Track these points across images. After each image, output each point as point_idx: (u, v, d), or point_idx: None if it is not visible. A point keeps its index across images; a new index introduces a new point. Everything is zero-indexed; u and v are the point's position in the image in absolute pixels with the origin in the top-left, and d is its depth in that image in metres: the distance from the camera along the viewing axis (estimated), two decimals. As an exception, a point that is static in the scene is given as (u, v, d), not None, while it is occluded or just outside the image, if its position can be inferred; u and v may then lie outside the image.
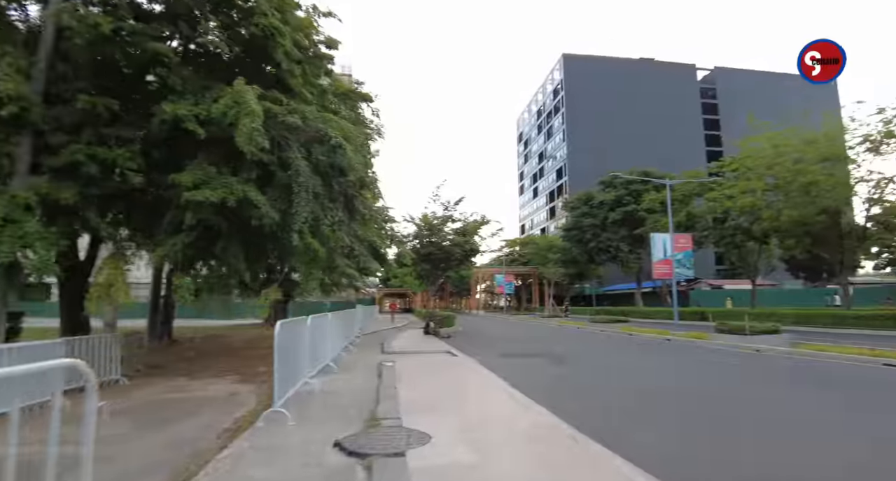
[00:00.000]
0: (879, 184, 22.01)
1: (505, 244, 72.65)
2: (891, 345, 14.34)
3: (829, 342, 15.39)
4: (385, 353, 13.36)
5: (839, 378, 9.44)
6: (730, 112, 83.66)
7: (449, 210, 23.98)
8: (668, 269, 21.33)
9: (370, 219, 13.84)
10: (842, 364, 11.13)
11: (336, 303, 43.90)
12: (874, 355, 11.46)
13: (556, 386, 8.79)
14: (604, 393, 8.02)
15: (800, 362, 11.56)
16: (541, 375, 9.96)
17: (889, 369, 10.42)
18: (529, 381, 9.01)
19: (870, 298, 37.28)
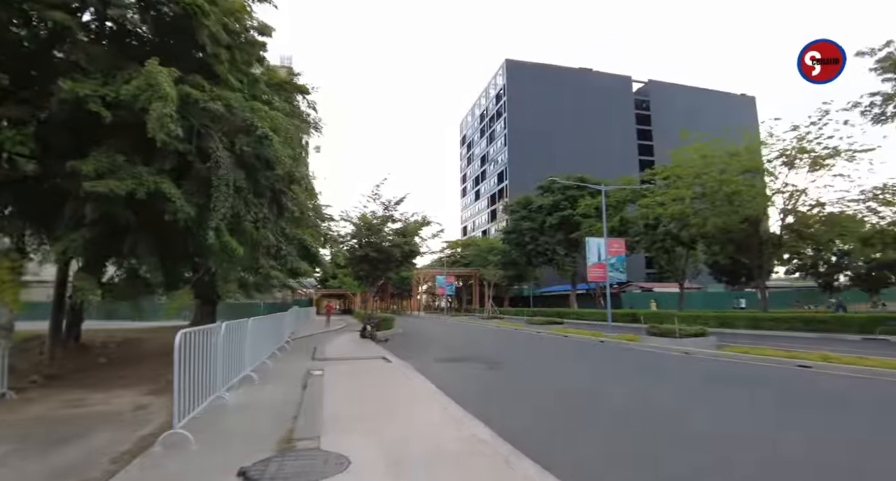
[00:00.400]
0: (793, 196, 23.63)
1: (447, 245, 72.74)
2: (802, 346, 15.32)
3: (750, 344, 16.23)
4: (316, 360, 12.62)
5: (761, 378, 9.79)
6: (661, 123, 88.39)
7: (389, 210, 23.34)
8: (602, 273, 21.87)
9: (302, 218, 13.00)
10: (763, 366, 11.62)
11: (271, 304, 42.05)
12: (789, 357, 12.09)
13: (493, 394, 8.50)
14: (540, 400, 7.79)
15: (727, 365, 11.96)
16: (477, 382, 9.65)
17: (803, 370, 10.98)
18: (465, 389, 8.67)
19: (782, 301, 40.25)
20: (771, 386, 9.06)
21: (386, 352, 15.05)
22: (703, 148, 24.24)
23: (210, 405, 6.57)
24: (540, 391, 8.58)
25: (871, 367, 10.33)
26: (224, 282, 9.84)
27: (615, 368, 11.98)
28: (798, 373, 10.58)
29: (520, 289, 65.17)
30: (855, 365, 10.71)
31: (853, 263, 46.24)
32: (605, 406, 7.37)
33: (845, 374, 10.26)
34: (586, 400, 7.74)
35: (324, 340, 19.19)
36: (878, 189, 22.66)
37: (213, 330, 6.61)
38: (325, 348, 15.77)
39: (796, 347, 14.93)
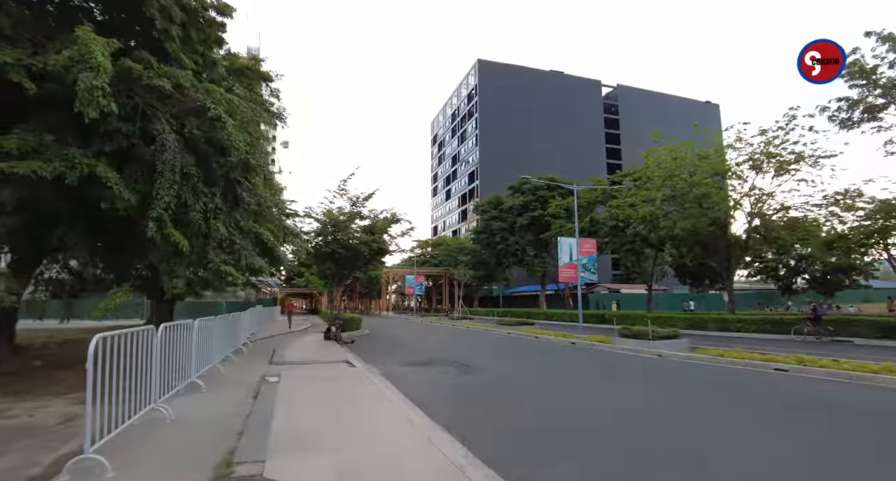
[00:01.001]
0: (760, 199, 23.89)
1: (417, 245, 71.91)
2: (774, 349, 15.26)
3: (722, 346, 16.14)
4: (274, 364, 11.71)
5: (740, 383, 9.46)
6: (629, 128, 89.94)
7: (357, 206, 22.39)
8: (573, 273, 21.57)
9: (261, 211, 12.04)
10: (740, 370, 11.37)
11: (234, 303, 40.41)
12: (765, 360, 11.91)
13: (464, 402, 7.84)
14: (515, 410, 7.19)
15: (704, 369, 11.65)
16: (447, 388, 8.98)
17: (779, 373, 10.77)
18: (435, 397, 8.00)
19: (744, 303, 41.09)
20: (752, 392, 8.72)
21: (350, 354, 14.23)
22: (675, 150, 24.28)
23: (143, 419, 5.70)
24: (516, 400, 7.97)
25: (846, 371, 10.18)
26: (169, 278, 8.84)
27: (591, 372, 11.51)
28: (776, 377, 10.34)
29: (489, 290, 64.96)
30: (830, 368, 10.54)
31: (810, 267, 47.96)
32: (590, 419, 6.81)
33: (823, 378, 10.08)
34: (569, 415, 7.16)
35: (285, 342, 18.18)
36: (840, 194, 23.10)
37: (144, 333, 5.72)
38: (285, 351, 14.81)
39: (767, 350, 14.88)
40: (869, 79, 17.25)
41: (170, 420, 6.13)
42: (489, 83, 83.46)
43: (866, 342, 17.71)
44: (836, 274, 46.66)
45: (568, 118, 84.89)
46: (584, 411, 7.04)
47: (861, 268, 46.01)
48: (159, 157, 8.58)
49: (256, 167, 10.14)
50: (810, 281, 48.75)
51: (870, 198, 22.38)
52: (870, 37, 18.30)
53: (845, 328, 18.75)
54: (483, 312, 49.59)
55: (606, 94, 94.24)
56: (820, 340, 18.47)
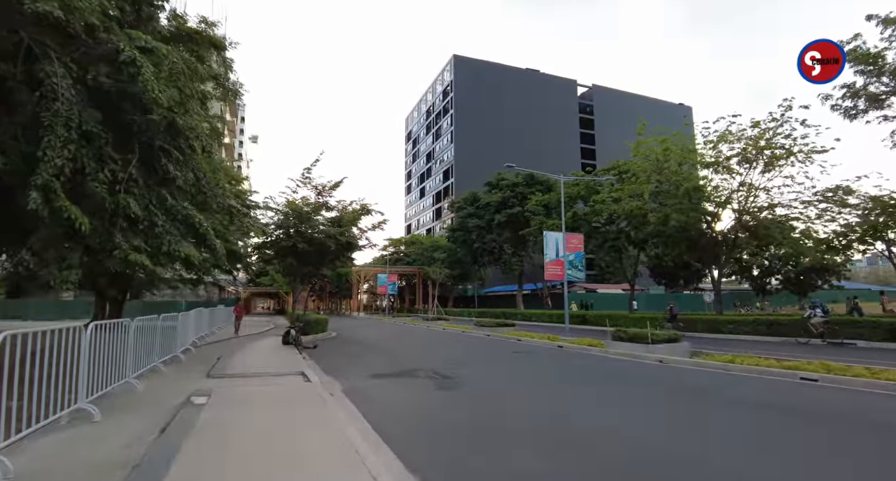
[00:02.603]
0: (751, 195, 22.80)
1: (389, 243, 69.71)
2: (777, 352, 13.98)
3: (722, 350, 14.74)
4: (211, 377, 9.58)
5: (770, 399, 7.86)
6: (604, 128, 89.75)
7: (324, 195, 20.23)
8: (559, 270, 20.00)
9: (201, 191, 9.89)
10: (761, 379, 9.83)
11: (195, 302, 37.64)
12: (785, 367, 10.42)
13: (447, 433, 5.95)
14: (514, 444, 5.37)
15: (721, 379, 10.07)
16: (424, 411, 7.08)
17: (806, 384, 9.29)
18: (411, 427, 6.12)
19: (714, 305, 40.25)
20: (789, 410, 7.11)
21: (309, 363, 12.17)
22: (667, 141, 22.97)
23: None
24: (513, 431, 6.12)
25: (887, 381, 8.75)
26: (58, 268, 6.69)
27: (594, 386, 9.79)
28: (808, 391, 8.83)
29: (464, 289, 63.29)
30: (865, 377, 9.11)
31: (784, 268, 47.96)
32: (617, 462, 5.03)
33: (862, 390, 8.61)
34: (586, 455, 5.38)
35: (237, 347, 15.94)
36: (831, 191, 22.21)
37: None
38: (232, 359, 12.63)
39: (769, 353, 13.55)
40: (876, 64, 16.17)
41: (15, 475, 4.07)
42: (465, 79, 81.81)
43: (870, 344, 16.62)
44: (809, 274, 46.85)
45: (543, 117, 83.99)
46: (605, 450, 5.26)
47: (833, 269, 46.31)
48: (48, 107, 6.43)
49: (186, 131, 8.03)
50: (784, 281, 48.89)
51: (863, 195, 21.58)
52: (871, 20, 17.31)
53: (846, 330, 17.63)
54: (458, 312, 47.84)
55: (582, 93, 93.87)
56: (825, 343, 17.27)
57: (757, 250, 29.37)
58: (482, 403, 7.48)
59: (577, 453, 4.96)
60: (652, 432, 5.79)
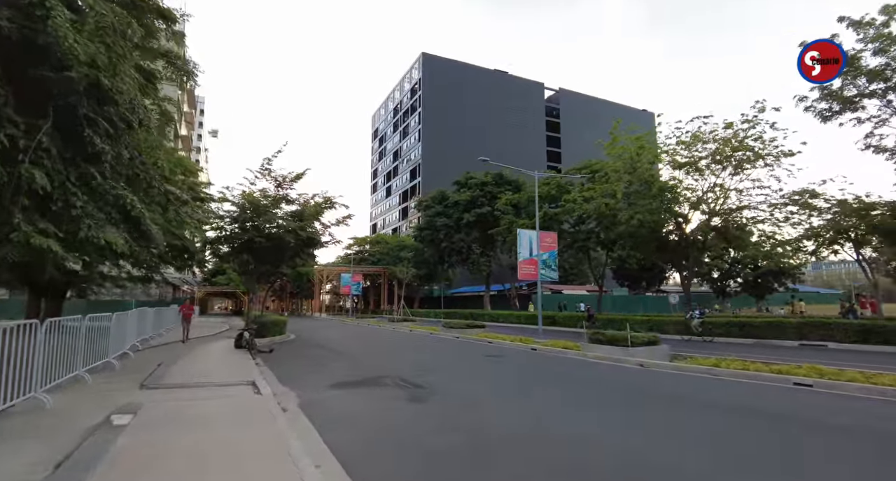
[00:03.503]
0: (721, 196, 22.73)
1: (354, 242, 67.97)
2: (754, 355, 13.60)
3: (698, 352, 14.32)
4: (145, 388, 8.24)
5: (767, 407, 7.21)
6: (569, 131, 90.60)
7: (284, 187, 18.77)
8: (533, 270, 19.25)
9: (138, 171, 8.50)
10: (750, 384, 9.28)
11: (146, 302, 35.28)
12: (773, 372, 9.91)
13: (422, 456, 4.93)
14: (500, 470, 4.43)
15: (707, 384, 9.45)
16: (394, 429, 6.04)
17: (801, 389, 8.77)
18: (377, 449, 5.08)
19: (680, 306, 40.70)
20: (791, 419, 6.46)
21: (263, 370, 10.92)
22: (641, 139, 22.65)
23: None
24: (497, 451, 5.18)
25: (884, 387, 8.30)
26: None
27: (573, 392, 8.97)
28: (802, 395, 8.29)
29: (430, 290, 62.25)
30: (859, 382, 8.67)
31: (743, 271, 49.16)
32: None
33: (858, 396, 8.13)
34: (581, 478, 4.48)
35: (183, 352, 14.43)
36: (798, 194, 22.40)
37: None
38: (174, 365, 11.22)
39: (748, 356, 13.17)
40: (852, 65, 16.14)
41: None
42: (433, 78, 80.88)
43: (840, 346, 16.58)
44: (766, 277, 48.15)
45: (511, 119, 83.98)
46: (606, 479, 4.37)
47: (789, 273, 47.76)
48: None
49: (116, 96, 6.71)
50: (743, 284, 50.11)
51: (829, 198, 21.83)
52: (842, 22, 17.34)
53: (816, 332, 17.60)
54: (424, 313, 46.80)
55: (549, 97, 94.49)
56: (703, 340, 17.29)
57: (724, 252, 29.54)
58: (458, 417, 6.49)
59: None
60: (654, 450, 4.95)
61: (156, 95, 14.71)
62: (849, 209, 20.12)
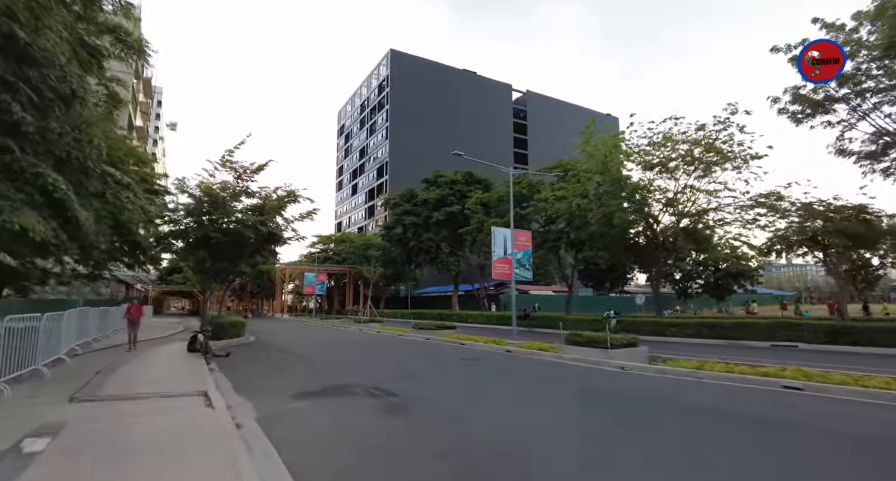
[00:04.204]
0: (690, 198, 22.80)
1: (318, 240, 66.13)
2: (728, 355, 13.40)
3: (674, 353, 14.06)
4: (75, 401, 7.12)
5: (764, 412, 6.76)
6: (536, 133, 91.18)
7: (244, 179, 17.49)
8: (507, 269, 18.68)
9: (79, 159, 7.34)
10: (739, 388, 8.90)
11: (96, 301, 32.97)
12: (759, 374, 9.58)
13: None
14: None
15: (693, 387, 9.03)
16: (370, 451, 5.22)
17: (790, 393, 8.44)
18: (351, 478, 4.28)
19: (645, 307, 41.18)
20: (791, 427, 6.02)
21: (217, 377, 9.87)
22: (616, 137, 22.45)
23: None
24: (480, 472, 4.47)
25: (876, 389, 8.05)
26: None
27: (561, 400, 8.36)
28: (791, 399, 7.96)
29: (396, 290, 61.16)
30: (849, 385, 8.41)
31: (705, 272, 50.33)
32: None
33: (849, 399, 7.86)
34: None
35: (128, 357, 13.11)
36: (764, 197, 22.67)
37: None
38: (115, 372, 10.00)
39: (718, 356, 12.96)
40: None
41: None
42: (402, 75, 79.79)
43: (810, 347, 16.69)
44: (726, 279, 49.43)
45: (479, 119, 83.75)
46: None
47: (748, 275, 49.20)
48: None
49: (38, 57, 5.63)
50: (704, 286, 51.30)
51: (794, 201, 22.17)
52: (815, 23, 17.52)
53: (784, 332, 17.71)
54: (390, 314, 45.74)
55: (516, 99, 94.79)
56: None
57: (690, 254, 29.82)
58: (442, 435, 5.72)
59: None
60: (662, 469, 4.34)
61: (101, 74, 13.40)
62: (814, 212, 20.44)
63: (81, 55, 10.75)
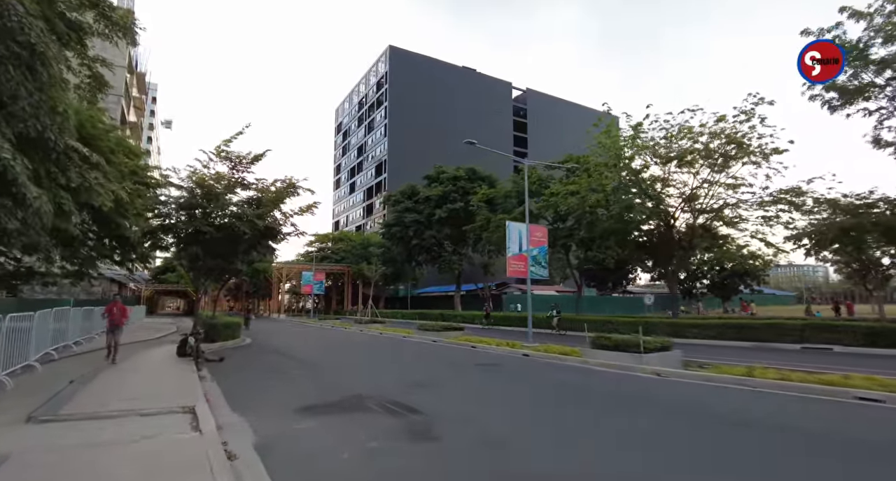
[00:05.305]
0: (709, 192, 21.71)
1: (315, 239, 64.86)
2: (774, 361, 12.17)
3: (707, 357, 12.96)
4: (33, 421, 5.91)
5: (851, 433, 5.61)
6: (536, 131, 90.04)
7: (239, 169, 16.22)
8: (522, 266, 17.51)
9: (35, 127, 6.15)
10: (801, 399, 7.75)
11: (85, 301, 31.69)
12: (826, 383, 8.42)
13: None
14: None
15: (751, 400, 7.87)
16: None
17: (869, 405, 7.31)
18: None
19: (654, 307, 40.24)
20: None
21: (209, 387, 8.66)
22: (638, 128, 21.32)
23: None
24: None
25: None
26: None
27: (612, 415, 7.20)
28: (874, 412, 6.84)
29: (396, 290, 59.90)
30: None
31: (710, 272, 49.32)
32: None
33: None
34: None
35: (110, 363, 11.87)
36: (785, 192, 21.60)
37: None
38: (90, 383, 8.77)
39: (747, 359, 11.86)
40: (861, 55, 15.20)
41: None
42: (400, 72, 78.49)
43: (845, 350, 15.60)
44: (732, 279, 48.47)
45: (478, 117, 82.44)
46: None
47: (755, 274, 48.20)
48: None
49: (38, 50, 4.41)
50: (709, 286, 50.31)
51: (819, 197, 21.13)
52: (843, 13, 16.47)
53: (819, 334, 16.62)
54: (390, 314, 44.50)
55: (516, 96, 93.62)
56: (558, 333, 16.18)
57: (708, 252, 28.66)
58: (488, 468, 4.56)
59: None
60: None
61: (84, 52, 12.28)
62: (843, 207, 19.39)
63: (58, 26, 9.59)
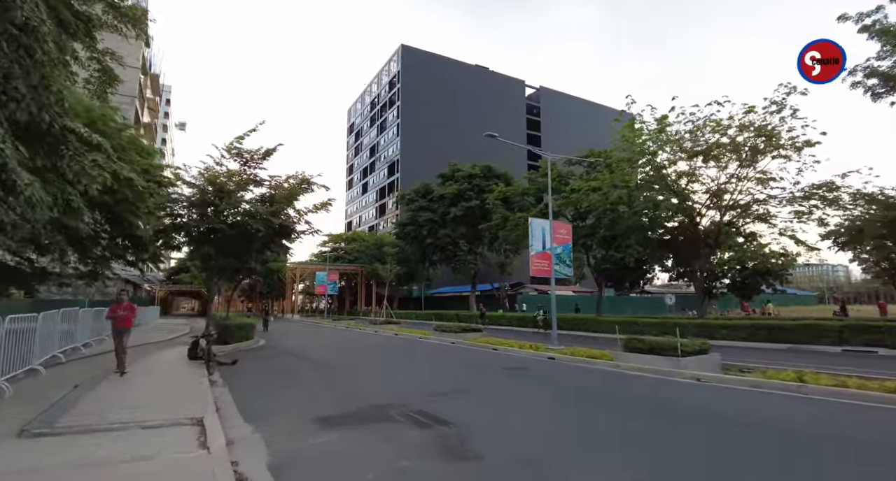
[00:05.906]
0: (738, 187, 20.79)
1: (328, 239, 64.61)
2: (817, 364, 11.32)
3: (741, 360, 12.19)
4: (25, 435, 5.37)
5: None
6: (550, 130, 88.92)
7: (251, 165, 15.72)
8: (546, 265, 16.78)
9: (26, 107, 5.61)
10: (874, 409, 6.97)
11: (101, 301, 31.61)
12: (889, 390, 7.61)
13: None
14: None
15: (819, 411, 7.09)
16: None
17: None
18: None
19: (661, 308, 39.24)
20: None
21: (220, 393, 8.11)
22: (663, 120, 20.47)
23: None
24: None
25: None
26: None
27: (667, 428, 6.48)
28: None
29: (409, 290, 59.35)
30: None
31: (730, 271, 47.99)
32: None
33: None
34: None
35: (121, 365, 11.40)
36: (817, 187, 20.59)
37: None
38: (94, 390, 8.27)
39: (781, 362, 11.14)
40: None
41: None
42: (413, 71, 77.99)
43: (891, 353, 14.64)
44: (754, 278, 47.11)
45: (491, 116, 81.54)
46: None
47: (777, 273, 46.81)
48: None
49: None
50: (729, 285, 49.02)
51: (854, 192, 20.15)
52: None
53: (860, 336, 15.67)
54: (404, 314, 43.96)
55: (529, 95, 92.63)
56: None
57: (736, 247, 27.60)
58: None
59: None
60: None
61: (92, 44, 11.86)
62: (884, 203, 18.40)
63: (63, 14, 9.15)
